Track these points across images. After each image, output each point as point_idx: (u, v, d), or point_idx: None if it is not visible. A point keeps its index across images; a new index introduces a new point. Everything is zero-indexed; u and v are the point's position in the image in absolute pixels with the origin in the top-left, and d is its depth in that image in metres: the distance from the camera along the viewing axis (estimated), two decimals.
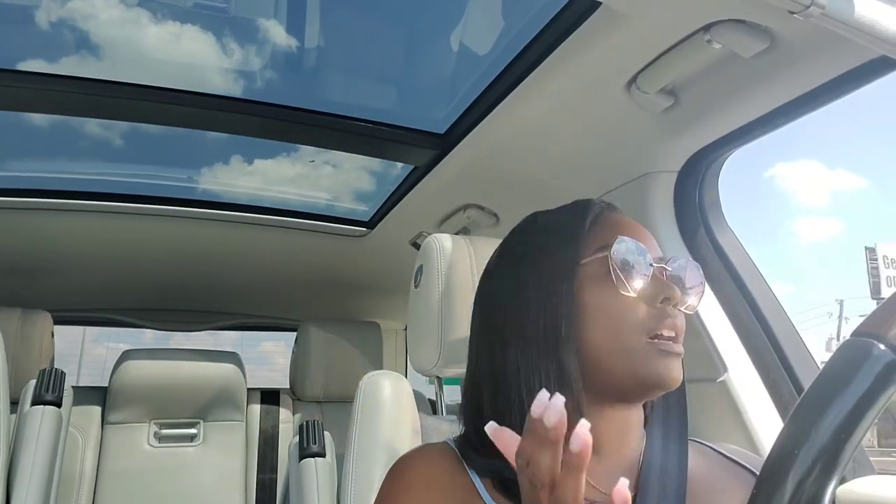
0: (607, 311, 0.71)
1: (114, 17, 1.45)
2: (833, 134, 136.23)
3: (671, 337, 0.71)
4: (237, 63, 1.55)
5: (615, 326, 0.71)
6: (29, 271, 2.22)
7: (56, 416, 1.64)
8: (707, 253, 1.25)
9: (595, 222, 0.77)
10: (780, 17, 0.83)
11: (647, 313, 0.71)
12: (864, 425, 0.36)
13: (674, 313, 0.72)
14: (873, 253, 16.68)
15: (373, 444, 1.00)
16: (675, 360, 0.71)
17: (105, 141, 1.82)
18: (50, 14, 1.42)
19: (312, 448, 1.73)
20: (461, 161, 1.52)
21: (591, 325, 0.72)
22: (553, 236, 0.78)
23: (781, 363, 1.15)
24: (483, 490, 0.70)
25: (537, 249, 0.78)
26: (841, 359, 0.37)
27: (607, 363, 0.71)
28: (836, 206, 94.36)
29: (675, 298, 0.72)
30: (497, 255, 0.83)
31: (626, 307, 0.71)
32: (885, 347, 0.37)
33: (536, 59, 1.14)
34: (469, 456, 0.73)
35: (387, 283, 2.40)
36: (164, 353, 2.23)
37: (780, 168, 69.92)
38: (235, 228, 2.08)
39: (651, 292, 0.72)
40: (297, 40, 1.56)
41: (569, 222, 0.78)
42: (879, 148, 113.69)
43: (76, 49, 1.46)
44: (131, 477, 2.07)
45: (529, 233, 0.82)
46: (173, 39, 1.49)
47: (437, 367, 1.03)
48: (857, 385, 0.36)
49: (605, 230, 0.76)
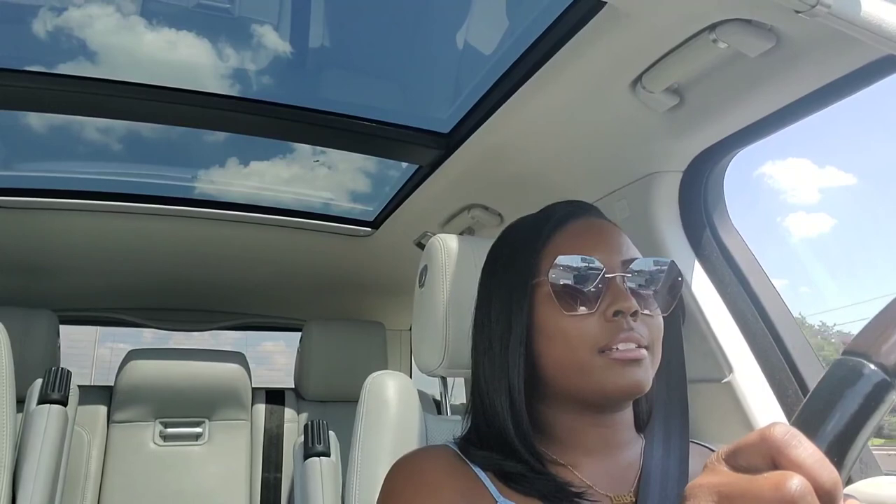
0: (560, 329, 0.72)
1: (114, 19, 1.45)
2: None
3: (627, 349, 0.71)
4: (242, 63, 1.55)
5: (568, 344, 0.72)
6: (34, 271, 2.22)
7: (62, 414, 1.64)
8: (712, 253, 1.25)
9: (554, 233, 0.77)
10: (785, 17, 0.83)
11: (600, 328, 0.71)
12: (856, 447, 0.36)
13: (629, 325, 0.71)
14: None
15: (378, 444, 1.00)
16: (633, 367, 0.71)
17: (109, 141, 1.82)
18: (51, 16, 1.42)
19: (317, 447, 1.74)
20: (465, 161, 1.52)
21: (547, 342, 0.73)
22: (515, 250, 0.80)
23: (787, 363, 1.15)
24: (488, 481, 0.72)
25: (502, 264, 0.81)
26: (831, 379, 0.37)
27: (566, 379, 0.73)
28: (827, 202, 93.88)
29: (629, 310, 0.71)
30: (484, 263, 0.85)
31: (577, 323, 0.72)
32: (875, 367, 0.36)
33: (541, 59, 1.13)
34: (470, 452, 0.75)
35: (391, 283, 2.40)
36: (169, 353, 2.24)
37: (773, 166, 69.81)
38: (240, 228, 2.09)
39: (603, 305, 0.72)
40: (302, 40, 1.56)
41: (529, 236, 0.79)
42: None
43: (76, 49, 1.46)
44: (136, 476, 2.08)
45: (499, 246, 0.84)
46: (177, 40, 1.49)
47: (441, 367, 1.03)
48: (847, 406, 0.36)
49: (564, 241, 0.76)
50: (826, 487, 0.32)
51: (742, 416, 1.11)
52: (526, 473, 0.70)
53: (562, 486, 0.69)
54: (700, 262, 1.24)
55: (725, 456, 0.35)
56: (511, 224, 0.86)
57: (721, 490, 0.33)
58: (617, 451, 0.76)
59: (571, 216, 0.79)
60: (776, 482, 0.31)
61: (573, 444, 0.75)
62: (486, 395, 0.76)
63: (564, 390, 0.74)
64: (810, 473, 0.32)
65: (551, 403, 0.77)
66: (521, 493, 0.70)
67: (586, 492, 0.70)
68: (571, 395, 0.74)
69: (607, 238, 0.77)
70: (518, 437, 0.72)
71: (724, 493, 0.33)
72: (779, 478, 0.32)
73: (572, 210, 0.81)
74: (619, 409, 0.76)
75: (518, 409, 0.73)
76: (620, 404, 0.75)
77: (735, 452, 0.35)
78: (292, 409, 2.37)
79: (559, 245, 0.76)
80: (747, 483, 0.33)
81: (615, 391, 0.71)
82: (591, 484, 0.72)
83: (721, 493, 0.33)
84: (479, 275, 0.99)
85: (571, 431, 0.76)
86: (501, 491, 0.70)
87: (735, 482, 0.33)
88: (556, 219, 0.79)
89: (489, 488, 0.71)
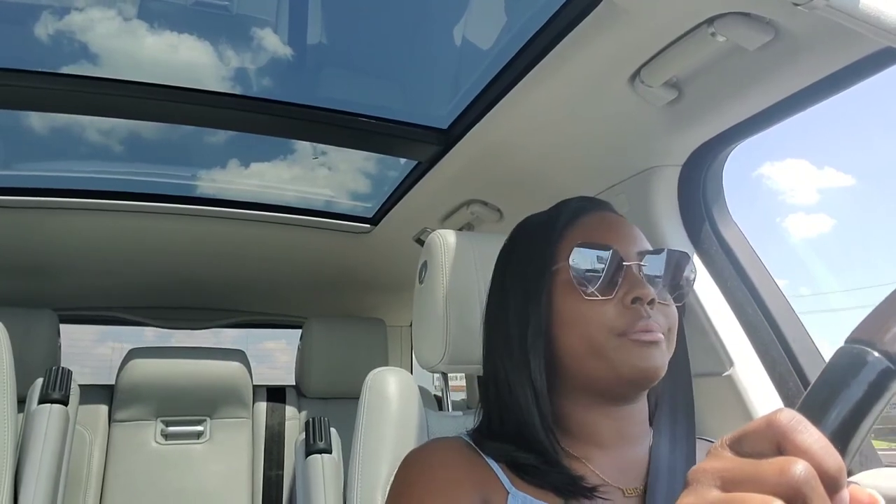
0: (579, 315, 0.73)
1: (114, 20, 1.45)
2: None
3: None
4: (240, 61, 1.55)
5: (586, 329, 0.73)
6: (34, 270, 2.22)
7: (63, 414, 1.64)
8: (711, 247, 1.25)
9: (569, 225, 0.79)
10: (784, 9, 0.83)
11: (617, 314, 0.72)
12: (859, 435, 0.36)
13: (647, 313, 0.72)
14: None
15: (379, 441, 1.00)
16: (651, 349, 0.72)
17: (110, 141, 1.82)
18: (51, 18, 1.42)
19: (319, 445, 1.74)
20: (464, 156, 1.52)
21: (566, 330, 0.74)
22: (531, 243, 0.81)
23: (787, 356, 1.15)
24: (500, 472, 0.72)
25: (518, 257, 0.82)
26: (835, 367, 0.37)
27: (585, 366, 0.74)
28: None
29: (647, 297, 0.72)
30: (496, 260, 0.86)
31: (595, 309, 0.73)
32: (879, 354, 0.36)
33: (539, 54, 1.13)
34: (483, 444, 0.75)
35: (391, 280, 2.40)
36: (170, 352, 2.24)
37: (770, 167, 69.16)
38: (239, 226, 2.09)
39: (621, 293, 0.73)
40: (301, 38, 1.56)
41: (545, 228, 0.80)
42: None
43: (77, 49, 1.46)
44: (138, 474, 2.08)
45: (514, 240, 0.86)
46: (176, 39, 1.49)
47: (442, 362, 1.03)
48: (851, 394, 0.36)
49: (579, 232, 0.78)
50: (831, 473, 0.32)
51: (743, 409, 1.11)
52: (539, 465, 0.71)
53: (575, 479, 0.70)
54: (699, 255, 1.24)
55: (730, 442, 0.35)
56: (521, 223, 0.87)
57: (724, 475, 0.33)
58: (629, 444, 0.77)
59: (585, 210, 0.81)
60: (781, 467, 0.31)
61: (587, 436, 0.76)
62: (507, 388, 0.76)
63: (581, 378, 0.75)
64: (815, 459, 0.32)
65: (567, 395, 0.77)
66: (535, 485, 0.70)
67: (599, 486, 0.70)
68: (588, 382, 0.74)
69: (622, 230, 0.79)
70: (542, 427, 0.73)
71: (727, 477, 0.33)
72: (783, 462, 0.32)
73: (585, 204, 0.82)
74: (633, 399, 0.77)
75: (542, 399, 0.74)
76: (636, 391, 0.76)
77: (740, 438, 0.35)
78: (293, 407, 2.37)
79: (576, 235, 0.77)
80: (751, 468, 0.33)
81: (632, 373, 0.71)
82: (603, 476, 0.73)
83: (724, 478, 0.33)
84: (478, 270, 0.99)
85: (585, 424, 0.76)
86: (514, 482, 0.71)
87: (739, 467, 0.33)
88: (571, 211, 0.81)
89: (502, 480, 0.71)
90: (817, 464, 0.32)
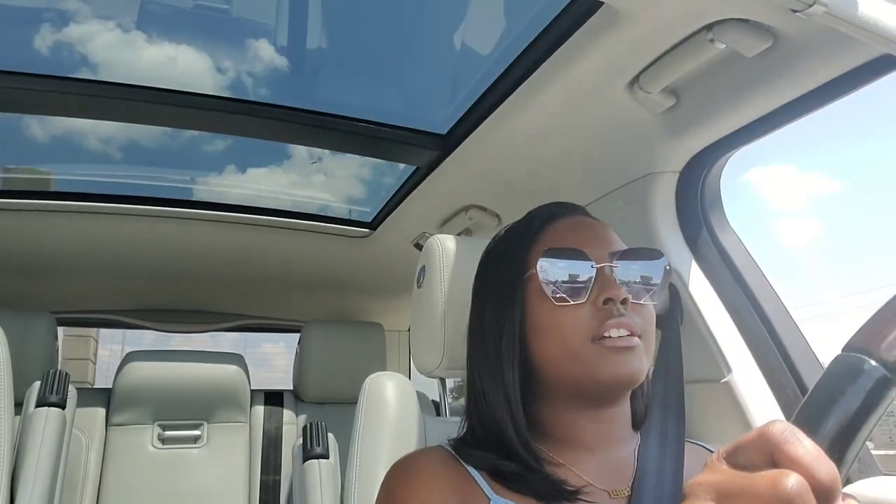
0: (553, 321, 0.73)
1: (114, 22, 1.45)
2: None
3: (620, 336, 0.72)
4: (239, 65, 1.55)
5: (561, 335, 0.73)
6: (32, 273, 2.22)
7: (60, 417, 1.64)
8: (709, 253, 1.25)
9: (541, 230, 0.79)
10: (783, 16, 0.83)
11: (591, 316, 0.72)
12: (857, 443, 0.36)
13: (620, 311, 0.72)
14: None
15: (376, 446, 0.99)
16: (626, 355, 0.71)
17: (108, 146, 1.82)
18: (53, 22, 1.42)
19: (316, 450, 1.73)
20: (463, 162, 1.52)
21: (542, 337, 0.74)
22: (506, 251, 0.81)
23: (785, 363, 1.15)
24: (481, 480, 0.72)
25: (494, 266, 0.82)
26: (832, 375, 0.37)
27: (564, 371, 0.74)
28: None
29: (619, 297, 0.72)
30: (476, 270, 0.87)
31: (569, 314, 0.73)
32: (876, 363, 0.36)
33: (538, 60, 1.13)
34: (464, 452, 0.75)
35: (389, 285, 2.39)
36: (167, 355, 2.23)
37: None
38: (238, 230, 2.09)
39: (593, 295, 0.73)
40: (299, 42, 1.56)
41: (517, 236, 0.81)
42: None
43: (76, 52, 1.46)
44: (135, 478, 2.07)
45: (489, 250, 0.86)
46: (175, 42, 1.49)
47: (440, 368, 1.03)
48: (848, 403, 0.36)
49: (550, 238, 0.78)
50: (824, 484, 0.32)
51: (741, 415, 1.11)
52: (520, 472, 0.71)
53: (556, 484, 0.70)
54: (697, 261, 1.24)
55: (726, 454, 0.35)
56: (498, 233, 0.87)
57: (719, 488, 0.33)
58: (614, 446, 0.77)
59: (557, 215, 0.81)
60: (773, 480, 0.32)
61: (570, 441, 0.76)
62: (482, 394, 0.77)
63: (560, 384, 0.75)
64: (808, 470, 0.32)
65: (548, 401, 0.77)
66: (516, 491, 0.70)
67: (581, 489, 0.70)
68: (567, 387, 0.75)
69: (594, 232, 0.79)
70: (516, 435, 0.73)
71: (722, 491, 0.33)
72: (776, 475, 0.32)
73: (557, 210, 0.83)
74: (615, 402, 0.77)
75: (515, 407, 0.74)
76: (616, 395, 0.76)
77: (735, 451, 0.35)
78: (291, 411, 2.37)
79: (547, 241, 0.78)
80: (745, 481, 0.33)
81: (609, 379, 0.72)
82: (588, 479, 0.73)
83: (719, 492, 0.33)
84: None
85: (568, 428, 0.76)
86: (496, 490, 0.71)
87: (733, 480, 0.33)
88: (543, 217, 0.81)
89: (483, 487, 0.71)
90: (810, 475, 0.32)
